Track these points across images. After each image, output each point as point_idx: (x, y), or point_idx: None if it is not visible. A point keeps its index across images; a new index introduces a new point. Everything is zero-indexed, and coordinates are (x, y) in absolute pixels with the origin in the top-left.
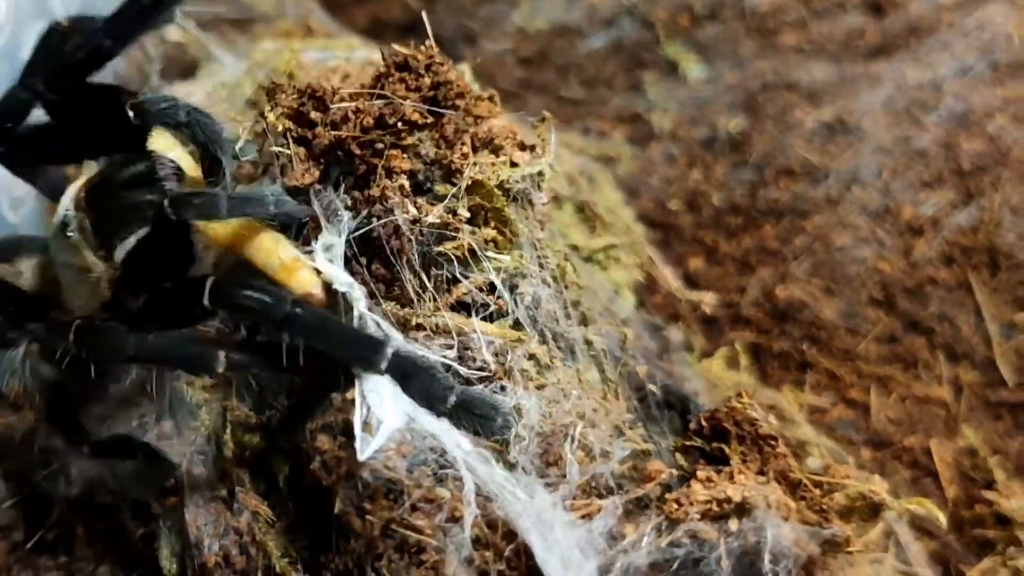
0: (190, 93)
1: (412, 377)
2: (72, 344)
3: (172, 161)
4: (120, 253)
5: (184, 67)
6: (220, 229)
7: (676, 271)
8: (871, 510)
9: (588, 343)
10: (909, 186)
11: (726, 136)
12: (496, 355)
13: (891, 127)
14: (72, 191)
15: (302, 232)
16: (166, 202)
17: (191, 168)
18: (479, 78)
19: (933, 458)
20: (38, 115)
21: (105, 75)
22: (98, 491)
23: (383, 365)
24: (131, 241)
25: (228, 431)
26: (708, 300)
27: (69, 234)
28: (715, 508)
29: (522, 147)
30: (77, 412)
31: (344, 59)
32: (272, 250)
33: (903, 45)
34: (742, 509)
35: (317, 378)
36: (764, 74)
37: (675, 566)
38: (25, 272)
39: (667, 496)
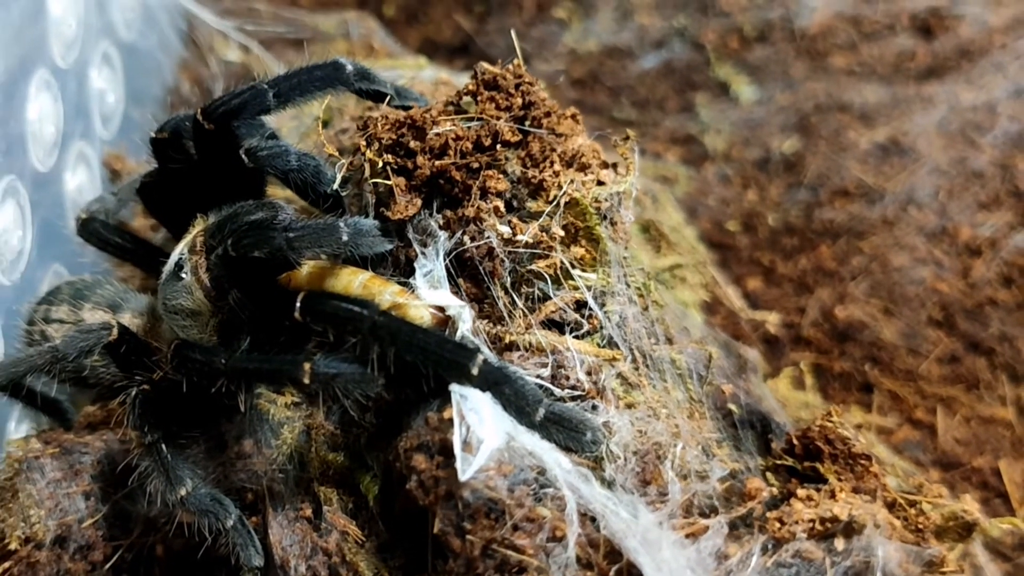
0: None
1: (502, 387)
2: (169, 363)
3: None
4: (233, 296)
5: None
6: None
7: (735, 291)
8: (964, 530)
9: (673, 362)
10: (966, 207)
11: (780, 157)
12: (589, 374)
13: (946, 148)
14: (190, 235)
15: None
16: (284, 242)
17: None
18: None
19: (1003, 479)
20: None
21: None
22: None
23: (474, 372)
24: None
25: (313, 449)
26: (772, 320)
27: (182, 276)
28: (819, 527)
29: (605, 165)
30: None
31: (411, 78)
32: (374, 294)
33: (955, 67)
34: (850, 528)
35: (407, 396)
36: (816, 95)
37: None
38: (88, 318)
39: (768, 515)
